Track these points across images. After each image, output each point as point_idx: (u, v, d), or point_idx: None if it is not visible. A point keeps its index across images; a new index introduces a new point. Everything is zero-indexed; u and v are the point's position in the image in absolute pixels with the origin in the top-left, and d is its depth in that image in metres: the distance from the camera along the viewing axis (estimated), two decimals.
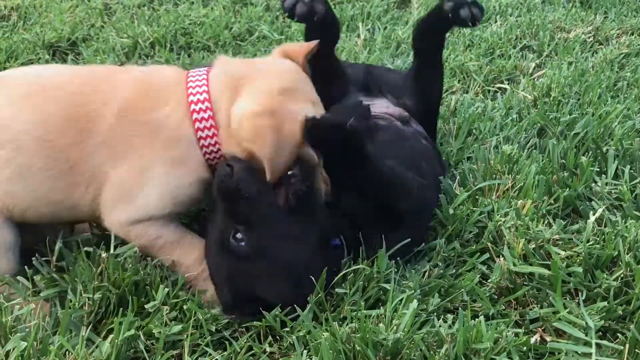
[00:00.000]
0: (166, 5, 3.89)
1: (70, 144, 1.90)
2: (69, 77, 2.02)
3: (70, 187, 1.93)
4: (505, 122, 2.80)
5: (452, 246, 2.10)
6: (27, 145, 1.90)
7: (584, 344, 1.74)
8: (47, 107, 1.93)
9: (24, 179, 1.91)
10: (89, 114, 1.92)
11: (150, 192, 1.93)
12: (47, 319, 1.82)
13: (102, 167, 1.93)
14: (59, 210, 1.97)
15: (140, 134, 1.93)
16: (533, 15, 3.87)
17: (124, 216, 1.94)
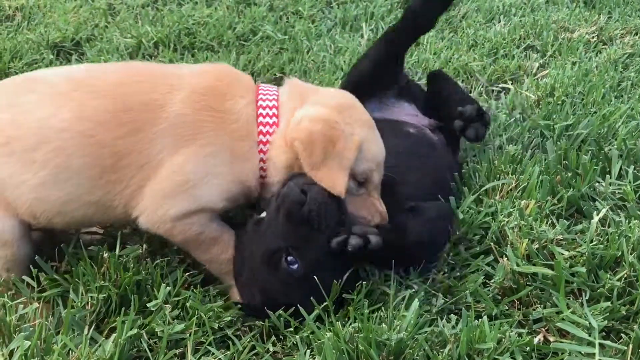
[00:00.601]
0: (170, 6, 3.90)
1: (118, 137, 1.84)
2: (104, 70, 2.01)
3: (109, 185, 1.86)
4: (508, 123, 2.80)
5: (457, 250, 2.10)
6: (66, 145, 1.83)
7: (587, 344, 1.74)
8: (89, 102, 1.86)
9: (60, 181, 1.84)
10: (147, 103, 1.87)
11: (211, 181, 1.88)
12: (50, 318, 1.82)
13: (159, 155, 1.86)
14: (90, 214, 1.91)
15: (211, 120, 1.90)
16: (537, 15, 3.87)
17: (177, 208, 1.87)
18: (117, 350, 1.67)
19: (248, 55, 3.36)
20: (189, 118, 1.88)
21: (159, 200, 1.87)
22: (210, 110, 1.90)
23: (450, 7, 2.55)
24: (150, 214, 1.89)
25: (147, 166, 1.86)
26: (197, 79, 1.96)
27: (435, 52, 3.43)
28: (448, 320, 1.80)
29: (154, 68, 2.06)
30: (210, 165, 1.88)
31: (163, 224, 1.89)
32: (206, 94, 1.92)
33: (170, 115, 1.87)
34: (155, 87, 1.91)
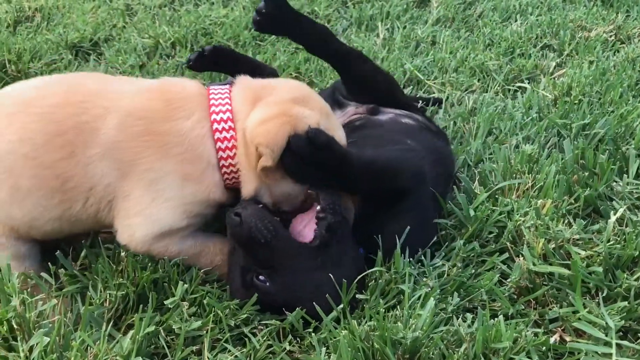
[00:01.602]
0: (187, 6, 3.92)
1: (58, 160, 1.83)
2: (53, 89, 1.94)
3: (64, 204, 1.87)
4: (525, 122, 2.79)
5: (472, 246, 2.09)
6: (14, 166, 1.84)
7: (604, 344, 1.73)
8: (30, 124, 1.85)
9: (17, 201, 1.86)
10: (79, 126, 1.84)
11: (163, 205, 1.86)
12: (68, 314, 1.84)
13: (103, 179, 1.86)
14: (59, 227, 1.93)
15: (152, 145, 1.85)
16: (554, 14, 3.85)
17: (141, 232, 1.89)
18: (134, 347, 1.68)
19: (264, 55, 3.37)
20: (124, 144, 1.84)
21: (123, 225, 1.90)
22: (149, 135, 1.85)
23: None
24: (122, 237, 1.92)
25: (95, 190, 1.86)
26: (134, 100, 1.90)
27: (452, 51, 3.42)
28: (464, 319, 1.80)
29: (94, 87, 1.94)
30: (157, 191, 1.86)
31: (139, 246, 1.91)
32: (143, 117, 1.87)
33: (103, 140, 1.84)
34: (89, 109, 1.86)
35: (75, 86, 1.94)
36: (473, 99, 3.02)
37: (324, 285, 1.83)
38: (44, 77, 2.05)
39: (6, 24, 3.64)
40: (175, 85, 1.98)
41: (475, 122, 2.81)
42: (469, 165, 2.54)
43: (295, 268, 1.84)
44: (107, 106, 1.87)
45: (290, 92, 1.96)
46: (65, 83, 1.98)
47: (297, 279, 1.84)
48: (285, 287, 1.84)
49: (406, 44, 3.52)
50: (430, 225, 2.12)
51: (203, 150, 1.88)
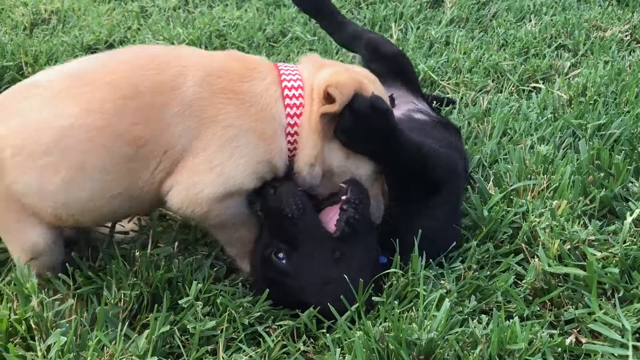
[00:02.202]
0: (201, 8, 3.94)
1: (133, 124, 1.78)
2: (116, 58, 1.91)
3: (132, 174, 1.81)
4: (540, 122, 2.77)
5: (486, 247, 2.09)
6: (77, 142, 1.76)
7: (620, 346, 1.72)
8: (95, 93, 1.78)
9: (79, 180, 1.78)
10: (156, 87, 1.80)
11: (237, 161, 1.85)
12: (84, 314, 1.86)
13: (181, 139, 1.81)
14: (116, 207, 1.87)
15: (233, 102, 1.85)
16: (568, 14, 3.83)
17: (210, 189, 1.84)
18: (150, 347, 1.69)
19: (278, 57, 3.38)
20: (206, 101, 1.83)
21: (192, 183, 1.84)
22: (228, 93, 1.86)
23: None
24: (185, 196, 1.85)
25: (171, 152, 1.82)
26: (212, 59, 1.93)
27: (465, 52, 3.41)
28: (479, 321, 1.80)
29: (162, 51, 1.96)
30: (234, 147, 1.84)
31: (199, 207, 1.86)
32: (222, 76, 1.88)
33: (185, 98, 1.82)
34: (165, 69, 1.84)
35: (140, 52, 1.95)
36: (487, 99, 3.01)
37: (335, 282, 1.84)
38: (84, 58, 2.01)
39: (23, 27, 3.68)
40: (242, 54, 2.04)
41: (489, 122, 2.80)
42: (483, 166, 2.53)
43: (313, 254, 1.86)
44: (185, 64, 1.86)
45: (354, 67, 2.08)
46: (124, 52, 1.96)
47: (312, 266, 1.86)
48: (300, 270, 1.86)
49: (420, 44, 3.52)
50: (458, 226, 2.13)
51: (275, 112, 1.90)
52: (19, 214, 1.83)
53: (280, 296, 1.89)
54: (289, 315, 1.88)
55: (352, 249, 1.88)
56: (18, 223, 1.86)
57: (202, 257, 2.10)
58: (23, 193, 1.80)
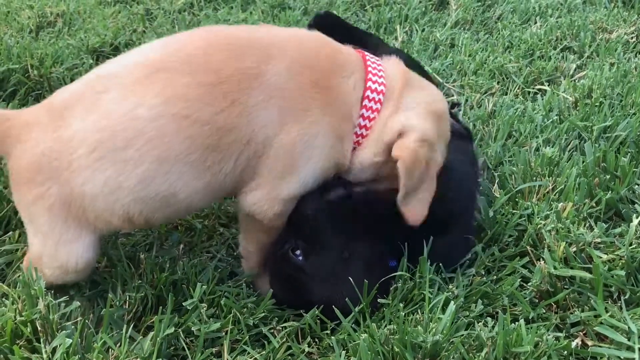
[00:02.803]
0: (206, 10, 3.95)
1: (218, 112, 1.69)
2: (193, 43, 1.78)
3: (215, 167, 1.73)
4: (545, 124, 2.77)
5: (491, 252, 2.08)
6: (161, 133, 1.67)
7: (626, 349, 1.71)
8: (177, 80, 1.69)
9: (161, 174, 1.70)
10: (240, 73, 1.71)
11: (314, 162, 1.80)
12: (90, 316, 1.86)
13: (263, 130, 1.73)
14: (196, 201, 1.79)
15: (317, 97, 1.77)
16: (574, 16, 3.82)
17: (288, 191, 1.81)
18: (155, 349, 1.69)
19: None
20: (293, 93, 1.75)
21: (272, 182, 1.79)
22: (316, 87, 1.77)
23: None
24: (264, 195, 1.80)
25: (253, 142, 1.73)
26: (298, 49, 1.82)
27: (470, 54, 3.41)
28: (485, 324, 1.79)
29: (243, 34, 1.83)
30: (314, 147, 1.78)
31: (272, 207, 1.82)
32: (310, 67, 1.79)
33: (269, 87, 1.73)
34: (247, 56, 1.74)
35: (219, 35, 1.82)
36: (492, 101, 3.01)
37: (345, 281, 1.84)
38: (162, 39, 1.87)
39: (29, 30, 3.69)
40: (336, 44, 1.92)
41: (494, 124, 2.80)
42: (488, 168, 2.53)
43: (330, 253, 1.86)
44: (271, 53, 1.77)
45: (432, 97, 1.96)
46: (203, 36, 1.83)
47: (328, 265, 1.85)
48: (316, 268, 1.85)
49: (425, 46, 3.52)
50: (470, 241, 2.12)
51: (353, 111, 1.84)
52: (78, 221, 1.75)
53: (291, 294, 1.90)
54: (293, 316, 1.88)
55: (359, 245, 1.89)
56: (71, 232, 1.77)
57: (207, 258, 2.10)
58: (93, 194, 1.70)
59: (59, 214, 1.73)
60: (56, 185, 1.70)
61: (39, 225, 1.77)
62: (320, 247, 1.87)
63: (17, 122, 1.76)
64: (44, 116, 1.74)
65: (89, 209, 1.73)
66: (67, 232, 1.76)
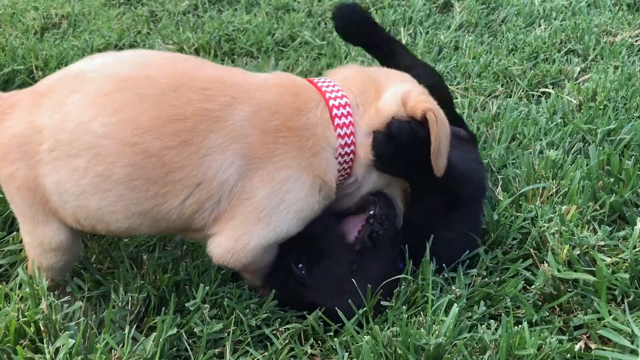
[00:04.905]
0: (210, 12, 3.95)
1: (168, 147, 1.66)
2: (163, 71, 1.74)
3: (158, 198, 1.70)
4: (549, 127, 2.77)
5: (495, 254, 2.08)
6: (107, 152, 1.66)
7: (630, 352, 1.71)
8: (135, 106, 1.67)
9: (102, 190, 1.69)
10: (201, 114, 1.68)
11: (289, 208, 1.76)
12: (93, 317, 1.86)
13: (221, 176, 1.70)
14: (136, 225, 1.76)
15: (285, 142, 1.74)
16: (578, 19, 3.81)
17: (257, 240, 1.75)
18: (157, 350, 1.70)
19: (287, 61, 3.38)
20: (257, 139, 1.72)
21: (239, 234, 1.75)
22: (282, 131, 1.74)
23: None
24: (229, 248, 1.77)
25: (205, 185, 1.70)
26: (265, 93, 1.79)
27: (475, 57, 3.41)
28: (488, 326, 1.79)
29: (214, 74, 1.80)
30: (285, 192, 1.75)
31: (243, 259, 1.78)
32: (277, 111, 1.76)
33: (230, 132, 1.70)
34: (215, 97, 1.72)
35: (190, 70, 1.77)
36: (496, 104, 3.01)
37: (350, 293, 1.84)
38: (134, 52, 1.86)
39: (34, 31, 3.70)
40: (293, 78, 1.90)
41: (498, 127, 2.80)
42: (492, 171, 2.53)
43: (333, 267, 1.85)
44: (237, 96, 1.74)
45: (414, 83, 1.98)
46: (173, 65, 1.78)
47: (330, 278, 1.85)
48: (318, 281, 1.85)
49: (429, 49, 3.52)
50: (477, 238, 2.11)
51: (329, 136, 1.80)
52: (43, 207, 1.77)
53: (294, 304, 1.90)
54: (296, 317, 1.88)
55: (370, 261, 1.88)
56: (40, 214, 1.79)
57: (209, 259, 2.09)
58: (50, 189, 1.72)
59: (26, 195, 1.76)
60: (24, 168, 1.72)
61: (15, 204, 1.81)
62: (325, 260, 1.86)
63: (6, 102, 1.79)
64: (26, 100, 1.76)
65: (49, 199, 1.75)
66: (37, 214, 1.79)
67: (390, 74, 2.01)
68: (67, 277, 1.94)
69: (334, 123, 1.82)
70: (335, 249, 1.87)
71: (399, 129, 1.79)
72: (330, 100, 1.83)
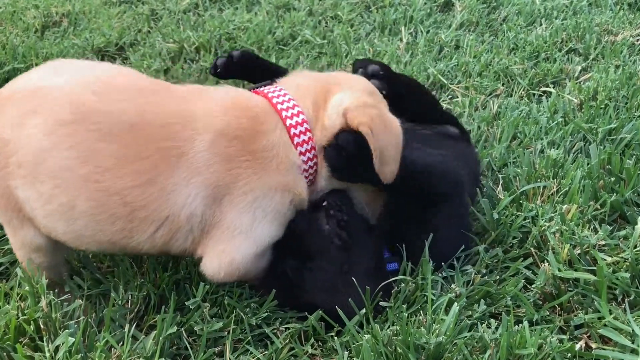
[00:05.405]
0: (211, 11, 3.95)
1: (131, 187, 1.66)
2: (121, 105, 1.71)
3: (125, 232, 1.71)
4: (550, 126, 2.76)
5: (495, 252, 2.08)
6: (69, 185, 1.64)
7: (630, 352, 1.71)
8: (94, 142, 1.64)
9: (68, 218, 1.69)
10: (163, 152, 1.68)
11: (265, 220, 1.78)
12: (92, 315, 1.86)
13: (188, 208, 1.71)
14: (106, 248, 1.78)
15: (251, 164, 1.75)
16: (579, 18, 3.80)
17: (242, 254, 1.78)
18: (157, 348, 1.69)
19: (287, 60, 3.38)
20: (219, 167, 1.72)
21: (217, 252, 1.78)
22: (244, 155, 1.75)
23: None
24: (218, 265, 1.79)
25: (173, 219, 1.71)
26: (223, 119, 1.77)
27: (475, 55, 3.40)
28: (488, 325, 1.79)
29: (173, 107, 1.76)
30: (257, 208, 1.77)
31: (236, 272, 1.81)
32: (237, 137, 1.76)
33: (192, 164, 1.70)
34: (177, 133, 1.71)
35: (151, 106, 1.74)
36: (497, 103, 3.00)
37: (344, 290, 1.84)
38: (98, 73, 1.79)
39: (34, 29, 3.70)
40: (248, 99, 1.88)
41: (499, 126, 2.79)
42: (492, 170, 2.52)
43: (322, 266, 1.86)
44: (196, 127, 1.73)
45: (362, 85, 2.00)
46: (131, 96, 1.75)
47: (322, 277, 1.86)
48: (311, 282, 1.86)
49: (430, 48, 3.51)
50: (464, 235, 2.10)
51: (290, 160, 1.82)
52: (17, 214, 1.77)
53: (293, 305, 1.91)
54: (296, 317, 1.88)
55: (355, 254, 1.89)
56: (15, 220, 1.79)
57: None
58: (22, 200, 1.72)
59: (0, 202, 1.76)
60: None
61: None
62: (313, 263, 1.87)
63: None
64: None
65: (22, 208, 1.75)
66: (12, 219, 1.79)
67: (339, 79, 1.99)
68: (66, 276, 1.94)
69: (294, 142, 1.83)
70: (321, 248, 1.88)
71: (345, 141, 1.85)
72: (287, 120, 1.84)
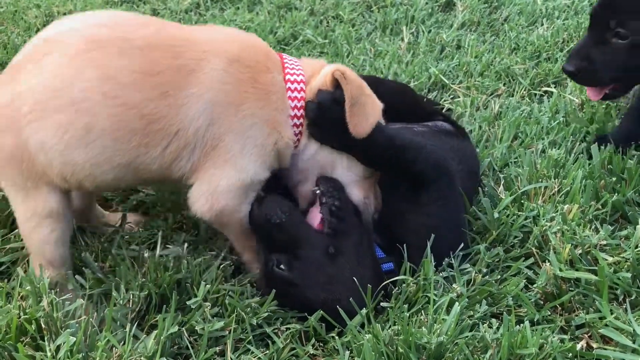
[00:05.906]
0: (212, 11, 3.95)
1: (147, 99, 1.78)
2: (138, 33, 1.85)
3: (141, 148, 1.81)
4: (551, 126, 2.76)
5: (496, 252, 2.08)
6: (90, 106, 1.75)
7: (631, 352, 1.71)
8: (114, 62, 1.78)
9: (86, 143, 1.77)
10: (175, 68, 1.82)
11: (252, 151, 1.89)
12: (94, 315, 1.86)
13: (194, 122, 1.83)
14: (121, 176, 1.86)
15: (257, 92, 1.90)
16: (580, 18, 3.80)
17: (226, 182, 1.88)
18: (159, 348, 1.69)
19: None
20: (231, 87, 1.86)
21: (209, 176, 1.88)
22: (252, 83, 1.89)
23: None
24: (202, 190, 1.90)
25: (182, 133, 1.82)
26: (236, 49, 1.93)
27: (477, 55, 3.40)
28: (489, 325, 1.79)
29: (180, 33, 1.93)
30: (247, 137, 1.88)
31: (214, 203, 1.90)
32: (249, 66, 1.90)
33: (205, 81, 1.83)
34: (184, 53, 1.85)
35: (159, 30, 1.90)
36: (499, 103, 3.00)
37: (338, 279, 1.85)
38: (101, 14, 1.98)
39: (36, 29, 3.69)
40: (262, 43, 2.07)
41: (500, 126, 2.79)
42: (494, 170, 2.52)
43: (310, 256, 1.87)
44: (207, 50, 1.87)
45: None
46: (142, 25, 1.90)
47: (313, 268, 1.87)
48: (304, 275, 1.87)
49: (431, 47, 3.51)
50: (459, 225, 2.09)
51: (285, 102, 1.96)
52: (31, 172, 1.83)
53: (292, 304, 1.91)
54: (297, 318, 1.88)
55: (346, 242, 1.90)
56: (30, 181, 1.85)
57: (211, 257, 2.09)
58: (35, 150, 1.79)
59: (15, 164, 1.82)
60: (9, 137, 1.79)
61: (7, 178, 1.87)
62: (300, 252, 1.88)
63: None
64: (4, 75, 1.86)
65: (35, 162, 1.81)
66: (27, 180, 1.85)
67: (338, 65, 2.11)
68: (69, 274, 1.94)
69: (288, 91, 1.98)
70: (307, 237, 1.90)
71: (323, 96, 1.98)
72: (286, 69, 2.01)
